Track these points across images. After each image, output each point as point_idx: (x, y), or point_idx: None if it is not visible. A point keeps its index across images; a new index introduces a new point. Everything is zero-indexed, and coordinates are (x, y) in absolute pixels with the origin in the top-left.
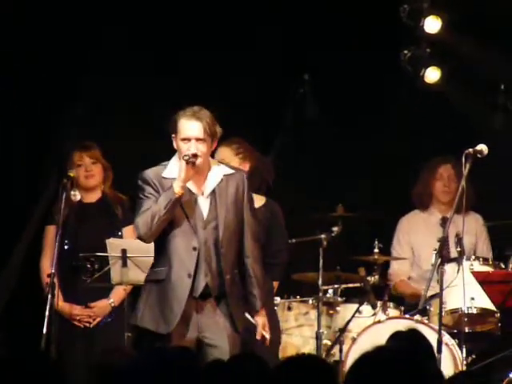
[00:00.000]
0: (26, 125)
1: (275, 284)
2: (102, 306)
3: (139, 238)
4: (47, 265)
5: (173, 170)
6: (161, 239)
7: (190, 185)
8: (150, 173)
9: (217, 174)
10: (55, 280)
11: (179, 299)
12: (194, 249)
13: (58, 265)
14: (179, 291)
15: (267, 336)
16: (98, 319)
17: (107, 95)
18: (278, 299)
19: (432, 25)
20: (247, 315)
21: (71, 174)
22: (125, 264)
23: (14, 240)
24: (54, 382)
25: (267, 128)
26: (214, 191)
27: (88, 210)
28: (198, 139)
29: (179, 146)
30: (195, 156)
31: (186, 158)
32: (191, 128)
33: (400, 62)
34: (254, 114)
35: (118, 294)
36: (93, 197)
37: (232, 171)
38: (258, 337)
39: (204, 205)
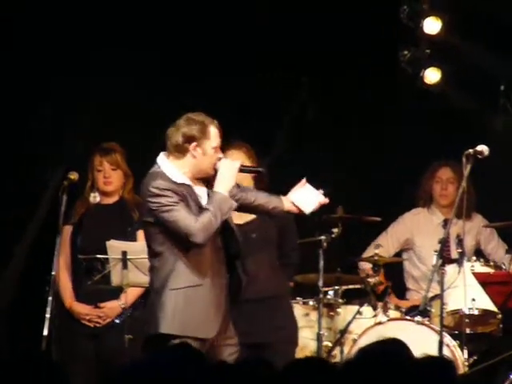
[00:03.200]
0: (33, 125)
1: (291, 284)
2: (112, 306)
3: (195, 244)
4: (62, 264)
5: (177, 175)
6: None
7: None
8: (164, 182)
9: None
10: (60, 281)
11: (219, 303)
12: (220, 249)
13: (72, 265)
14: (219, 295)
15: None
16: (108, 320)
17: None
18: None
19: (431, 26)
20: None
21: (71, 177)
22: (125, 266)
23: (15, 241)
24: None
25: (266, 130)
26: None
27: (104, 212)
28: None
29: (209, 154)
30: None
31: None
32: (219, 135)
33: (400, 62)
34: (253, 116)
35: (128, 295)
36: (111, 199)
37: None
38: None
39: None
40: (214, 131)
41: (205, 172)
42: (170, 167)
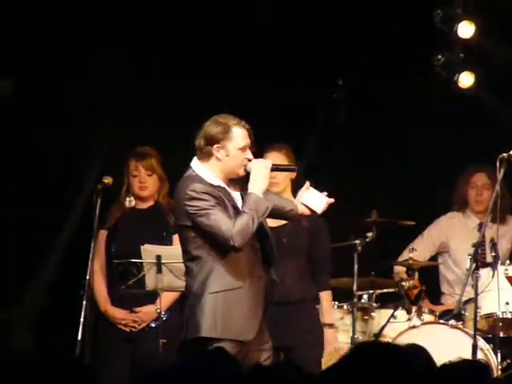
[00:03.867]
0: (62, 126)
1: (329, 295)
2: (148, 311)
3: (233, 248)
4: (97, 268)
5: (211, 177)
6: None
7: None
8: (200, 185)
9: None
10: (95, 285)
11: (258, 305)
12: (257, 251)
13: (106, 269)
14: (258, 295)
15: None
16: (144, 324)
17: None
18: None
19: (465, 30)
20: None
21: (105, 181)
22: (159, 270)
23: (50, 244)
24: None
25: (299, 133)
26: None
27: (139, 216)
28: (250, 148)
29: (235, 155)
30: None
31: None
32: (247, 137)
33: (434, 66)
34: (287, 118)
35: (164, 300)
36: (146, 204)
37: None
38: None
39: None
40: (238, 132)
41: (234, 173)
42: (204, 170)
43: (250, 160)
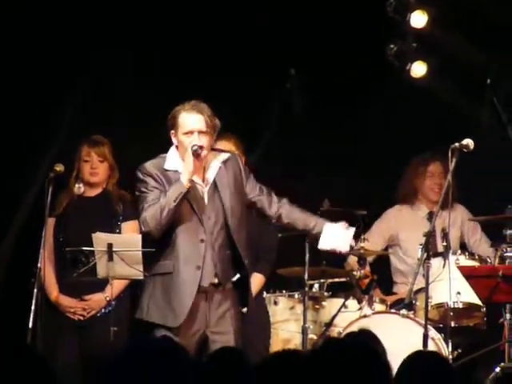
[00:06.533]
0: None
1: (262, 279)
2: (97, 299)
3: (148, 232)
4: (45, 256)
5: (173, 161)
6: (167, 232)
7: (194, 177)
8: (151, 165)
9: (215, 163)
10: (44, 273)
11: (189, 292)
12: (202, 241)
13: (55, 256)
14: (189, 284)
15: None
16: (93, 312)
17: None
18: (264, 294)
19: (418, 19)
20: None
21: (57, 168)
22: (111, 258)
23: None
24: (40, 376)
25: (254, 123)
26: (214, 181)
27: (87, 204)
28: (200, 132)
29: (181, 141)
30: (201, 148)
31: (195, 148)
32: (193, 121)
33: (386, 56)
34: (240, 109)
35: (113, 288)
36: (94, 191)
37: (227, 156)
38: None
39: (207, 196)
40: (183, 117)
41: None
42: (172, 154)
43: (201, 147)
